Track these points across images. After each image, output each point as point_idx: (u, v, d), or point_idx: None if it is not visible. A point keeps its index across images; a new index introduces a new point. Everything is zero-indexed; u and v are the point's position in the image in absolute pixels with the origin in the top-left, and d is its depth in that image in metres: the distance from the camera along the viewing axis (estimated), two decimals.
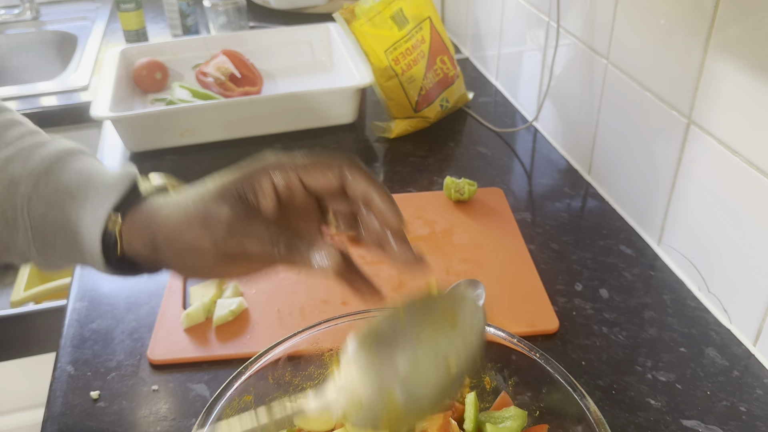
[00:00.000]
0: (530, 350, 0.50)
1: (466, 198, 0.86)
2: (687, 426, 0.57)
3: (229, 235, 0.43)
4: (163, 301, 0.70)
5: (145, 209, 0.46)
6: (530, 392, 0.51)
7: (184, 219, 0.44)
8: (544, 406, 0.50)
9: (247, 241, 0.43)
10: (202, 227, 0.43)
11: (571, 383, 0.47)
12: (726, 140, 0.64)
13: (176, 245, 0.44)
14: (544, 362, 0.49)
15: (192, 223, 0.44)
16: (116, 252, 0.46)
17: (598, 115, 0.87)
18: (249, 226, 0.43)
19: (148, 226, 0.45)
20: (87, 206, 0.46)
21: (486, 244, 0.79)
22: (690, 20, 0.67)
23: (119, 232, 0.46)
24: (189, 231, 0.44)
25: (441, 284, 0.43)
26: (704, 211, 0.69)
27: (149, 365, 0.64)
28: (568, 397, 0.47)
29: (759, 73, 0.59)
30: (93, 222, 0.46)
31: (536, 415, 0.51)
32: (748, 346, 0.65)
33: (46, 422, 0.59)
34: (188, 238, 0.44)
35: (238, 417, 0.40)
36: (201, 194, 0.45)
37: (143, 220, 0.46)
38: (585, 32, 0.88)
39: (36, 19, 1.64)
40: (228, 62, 1.13)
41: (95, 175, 0.48)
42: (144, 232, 0.45)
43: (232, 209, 0.43)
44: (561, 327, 0.67)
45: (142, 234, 0.45)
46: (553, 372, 0.48)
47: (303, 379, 0.54)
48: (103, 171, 0.49)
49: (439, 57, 1.05)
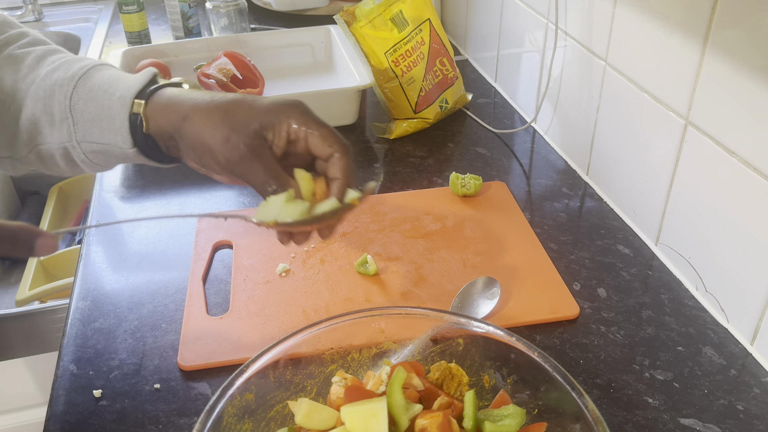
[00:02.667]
0: (529, 348, 0.50)
1: (472, 192, 0.87)
2: (684, 424, 0.58)
3: (240, 160, 0.53)
4: (186, 308, 0.70)
5: (165, 94, 0.57)
6: (529, 390, 0.52)
7: (209, 121, 0.53)
8: (542, 404, 0.51)
9: (251, 172, 0.53)
10: (224, 143, 0.53)
11: (569, 381, 0.48)
12: (723, 141, 0.65)
13: (193, 133, 0.54)
14: (542, 361, 0.49)
15: (216, 130, 0.53)
16: (142, 131, 0.56)
17: (596, 116, 0.88)
18: (256, 162, 0.53)
19: (169, 106, 0.55)
20: (115, 96, 0.56)
21: (497, 236, 0.80)
22: (688, 22, 0.67)
23: (143, 113, 0.56)
24: (211, 132, 0.53)
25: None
26: (701, 211, 0.70)
27: (179, 371, 0.64)
28: (566, 396, 0.48)
29: (756, 74, 0.59)
30: (120, 107, 0.56)
31: (534, 413, 0.51)
32: (745, 345, 0.65)
33: (49, 420, 0.59)
34: (207, 137, 0.53)
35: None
36: (228, 105, 0.54)
37: (164, 101, 0.56)
38: (583, 34, 0.88)
39: (39, 21, 1.65)
40: (229, 64, 1.14)
41: (123, 76, 0.59)
42: (167, 112, 0.55)
43: (251, 139, 0.53)
44: (560, 326, 0.68)
45: (166, 114, 0.55)
46: (551, 370, 0.49)
47: (304, 377, 0.54)
48: (129, 74, 0.59)
49: (439, 58, 1.05)
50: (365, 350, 0.56)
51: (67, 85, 0.57)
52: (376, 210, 0.86)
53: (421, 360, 0.56)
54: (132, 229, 0.85)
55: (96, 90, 0.57)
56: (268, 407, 0.52)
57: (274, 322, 0.68)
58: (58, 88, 0.57)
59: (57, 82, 0.57)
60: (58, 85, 0.57)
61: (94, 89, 0.57)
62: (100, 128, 0.57)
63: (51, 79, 0.57)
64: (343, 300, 0.71)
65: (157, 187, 0.92)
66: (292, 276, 0.74)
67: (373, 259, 0.74)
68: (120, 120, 0.56)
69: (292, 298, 0.71)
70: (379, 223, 0.83)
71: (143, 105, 0.56)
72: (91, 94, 0.57)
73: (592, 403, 0.46)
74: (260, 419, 0.52)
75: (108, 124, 0.56)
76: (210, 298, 0.72)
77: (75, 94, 0.57)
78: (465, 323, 0.54)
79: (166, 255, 0.80)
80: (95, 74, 0.58)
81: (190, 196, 0.91)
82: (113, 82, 0.57)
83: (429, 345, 0.56)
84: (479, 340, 0.54)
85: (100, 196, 0.92)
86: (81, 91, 0.57)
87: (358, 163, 0.98)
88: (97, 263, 0.79)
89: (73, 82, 0.57)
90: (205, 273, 0.75)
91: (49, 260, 1.56)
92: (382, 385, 0.51)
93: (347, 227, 0.82)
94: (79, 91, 0.57)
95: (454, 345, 0.55)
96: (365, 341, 0.56)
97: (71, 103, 0.57)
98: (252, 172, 0.53)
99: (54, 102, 0.57)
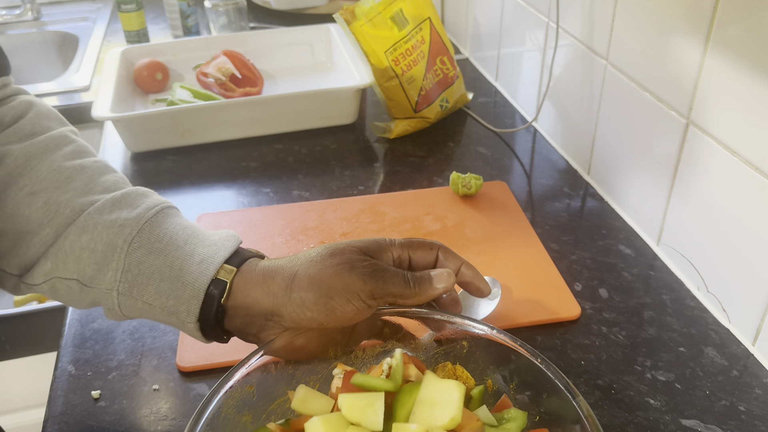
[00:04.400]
0: (532, 355, 0.50)
1: (472, 192, 0.86)
2: (686, 425, 0.57)
3: (374, 275, 0.49)
4: None
5: (258, 264, 0.51)
6: (530, 394, 0.51)
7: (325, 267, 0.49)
8: (544, 411, 0.50)
9: (390, 281, 0.49)
10: (350, 270, 0.48)
11: (570, 390, 0.47)
12: (725, 140, 0.65)
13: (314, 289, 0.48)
14: (545, 367, 0.49)
15: (338, 268, 0.48)
16: (214, 303, 0.49)
17: (597, 116, 0.87)
18: (388, 271, 0.50)
19: (267, 275, 0.49)
20: (195, 257, 0.49)
21: (498, 236, 0.80)
22: (689, 20, 0.67)
23: (231, 282, 0.49)
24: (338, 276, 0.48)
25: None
26: (703, 211, 0.69)
27: (178, 372, 0.63)
28: (566, 404, 0.47)
29: (758, 73, 0.59)
30: (201, 271, 0.49)
31: (536, 420, 0.51)
32: (747, 346, 0.65)
33: (47, 422, 0.59)
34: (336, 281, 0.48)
35: None
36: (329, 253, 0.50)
37: (261, 271, 0.50)
38: (584, 33, 0.88)
39: (37, 20, 1.65)
40: (228, 63, 1.14)
41: (199, 231, 0.52)
42: (262, 282, 0.49)
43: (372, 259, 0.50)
44: (561, 327, 0.68)
45: (259, 284, 0.49)
46: (553, 378, 0.48)
47: (306, 372, 0.54)
48: (204, 230, 0.53)
49: (439, 57, 1.05)
50: (369, 348, 0.56)
51: (131, 226, 0.49)
52: (376, 210, 0.85)
53: (425, 361, 0.56)
54: None
55: (166, 241, 0.50)
56: (269, 400, 0.52)
57: None
58: (117, 228, 0.49)
59: (117, 222, 0.49)
60: (118, 225, 0.49)
61: (163, 239, 0.50)
62: (158, 288, 0.49)
63: (110, 216, 0.50)
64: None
65: (157, 187, 0.91)
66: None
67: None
68: (195, 287, 0.48)
69: None
70: (379, 223, 0.83)
71: (234, 273, 0.49)
72: (158, 245, 0.49)
73: (589, 409, 0.46)
74: (260, 412, 0.51)
75: (170, 286, 0.49)
76: None
77: (137, 240, 0.49)
78: (468, 325, 0.54)
79: None
80: (165, 220, 0.51)
81: (189, 196, 0.91)
82: (189, 238, 0.51)
83: (433, 346, 0.56)
84: (483, 343, 0.53)
85: None
86: (145, 238, 0.49)
87: (358, 163, 0.98)
88: None
89: (138, 225, 0.50)
90: None
91: None
92: (382, 374, 0.51)
93: (347, 227, 0.82)
94: (143, 237, 0.49)
95: (458, 348, 0.55)
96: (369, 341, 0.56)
97: (129, 249, 0.49)
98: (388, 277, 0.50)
99: (106, 242, 0.49)
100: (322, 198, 0.89)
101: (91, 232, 0.49)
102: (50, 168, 0.51)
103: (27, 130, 0.53)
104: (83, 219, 0.50)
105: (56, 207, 0.50)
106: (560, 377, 0.48)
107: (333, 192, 0.90)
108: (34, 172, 0.50)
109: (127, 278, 0.49)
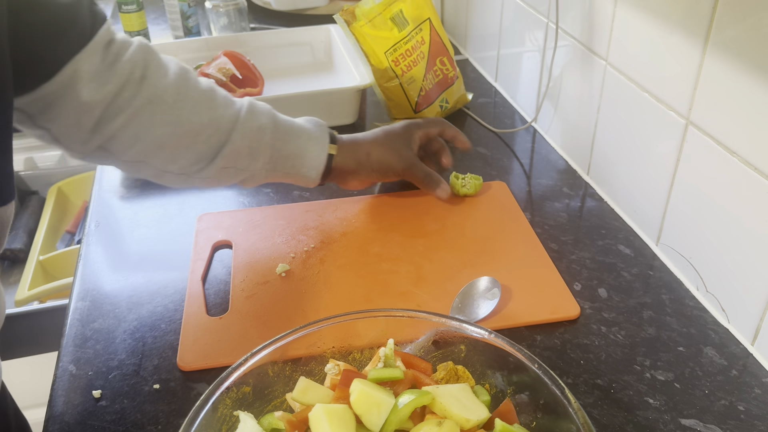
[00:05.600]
0: (529, 360, 0.50)
1: (472, 192, 0.87)
2: (685, 425, 0.58)
3: (408, 165, 0.83)
4: (185, 308, 0.70)
5: (345, 140, 0.80)
6: (529, 399, 0.51)
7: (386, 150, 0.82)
8: (541, 416, 0.50)
9: (417, 171, 0.84)
10: (399, 159, 0.82)
11: (566, 397, 0.47)
12: (724, 141, 0.65)
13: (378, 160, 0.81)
14: (542, 373, 0.49)
15: (389, 151, 0.82)
16: (329, 166, 0.78)
17: (596, 116, 0.88)
18: (416, 163, 0.84)
19: (354, 148, 0.80)
20: (312, 141, 0.76)
21: (498, 236, 0.80)
22: (688, 21, 0.67)
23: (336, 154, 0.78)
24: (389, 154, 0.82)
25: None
26: (702, 210, 0.70)
27: (178, 371, 0.64)
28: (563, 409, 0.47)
29: (757, 73, 0.59)
30: (320, 150, 0.76)
31: (533, 426, 0.51)
32: (746, 346, 0.65)
33: (49, 421, 0.59)
34: (387, 156, 0.82)
35: None
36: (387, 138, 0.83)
37: (348, 145, 0.80)
38: (584, 33, 0.88)
39: None
40: (229, 63, 1.14)
41: (303, 122, 0.77)
42: (354, 152, 0.80)
43: (407, 152, 0.83)
44: (560, 326, 0.68)
45: (353, 153, 0.80)
46: (550, 384, 0.48)
47: (303, 374, 0.54)
48: (305, 124, 0.77)
49: (439, 58, 1.05)
50: (366, 351, 0.56)
51: (271, 129, 0.73)
52: (376, 210, 0.85)
53: None
54: (131, 229, 0.84)
55: (292, 135, 0.75)
56: (266, 401, 0.53)
57: (274, 323, 0.68)
58: (262, 132, 0.72)
59: (261, 127, 0.72)
60: (261, 129, 0.72)
61: (290, 134, 0.75)
62: (294, 163, 0.75)
63: (256, 122, 0.72)
64: (343, 300, 0.71)
65: (157, 186, 0.92)
66: (292, 276, 0.74)
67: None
68: (319, 159, 0.76)
69: (291, 298, 0.71)
70: (379, 223, 0.83)
71: (336, 148, 0.78)
72: (287, 137, 0.74)
73: (585, 417, 0.46)
74: (257, 413, 0.52)
75: (300, 161, 0.75)
76: (209, 299, 0.72)
77: (275, 136, 0.73)
78: (466, 329, 0.54)
79: (165, 255, 0.79)
80: (280, 119, 0.75)
81: (189, 196, 0.91)
82: (301, 131, 0.75)
83: (431, 349, 0.56)
84: (481, 346, 0.53)
85: (100, 196, 0.91)
86: (279, 134, 0.74)
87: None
88: (96, 263, 0.79)
89: (271, 126, 0.73)
90: (204, 273, 0.75)
91: (49, 260, 1.56)
92: (379, 362, 0.51)
93: (347, 227, 0.82)
94: (278, 134, 0.74)
95: (456, 351, 0.55)
96: (367, 342, 0.56)
97: (273, 143, 0.73)
98: (418, 170, 0.83)
99: (260, 141, 0.72)
100: (322, 198, 0.89)
101: (249, 137, 0.72)
102: (198, 91, 0.70)
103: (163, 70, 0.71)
104: (240, 128, 0.71)
105: (218, 121, 0.70)
106: (557, 384, 0.48)
107: (333, 192, 0.90)
108: (190, 98, 0.69)
109: (271, 161, 0.74)
